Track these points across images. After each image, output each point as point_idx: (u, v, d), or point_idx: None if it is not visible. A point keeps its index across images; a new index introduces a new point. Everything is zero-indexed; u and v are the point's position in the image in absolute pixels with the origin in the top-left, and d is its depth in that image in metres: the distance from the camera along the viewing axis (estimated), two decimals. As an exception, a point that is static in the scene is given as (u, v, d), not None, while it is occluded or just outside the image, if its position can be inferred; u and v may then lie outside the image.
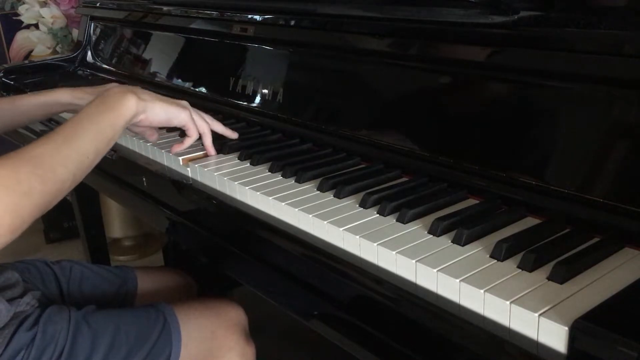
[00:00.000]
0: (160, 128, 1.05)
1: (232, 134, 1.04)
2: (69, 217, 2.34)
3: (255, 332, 1.04)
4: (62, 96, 1.18)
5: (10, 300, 0.85)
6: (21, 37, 2.53)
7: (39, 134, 1.41)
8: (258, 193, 0.83)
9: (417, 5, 0.89)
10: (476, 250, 0.64)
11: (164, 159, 1.03)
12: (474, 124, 0.81)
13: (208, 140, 0.99)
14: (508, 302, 0.55)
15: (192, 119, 0.96)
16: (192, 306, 0.98)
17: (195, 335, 0.92)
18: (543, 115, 0.73)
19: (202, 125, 0.97)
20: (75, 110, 1.18)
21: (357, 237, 0.69)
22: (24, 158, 0.71)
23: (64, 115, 1.35)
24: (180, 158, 0.98)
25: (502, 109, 0.79)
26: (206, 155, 1.00)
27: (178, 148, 0.99)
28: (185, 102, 0.97)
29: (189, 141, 0.98)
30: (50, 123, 1.36)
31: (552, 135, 0.72)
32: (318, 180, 0.84)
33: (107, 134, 0.81)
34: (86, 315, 0.87)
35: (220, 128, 1.02)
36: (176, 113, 0.93)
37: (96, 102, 0.84)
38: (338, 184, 0.81)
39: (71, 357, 0.82)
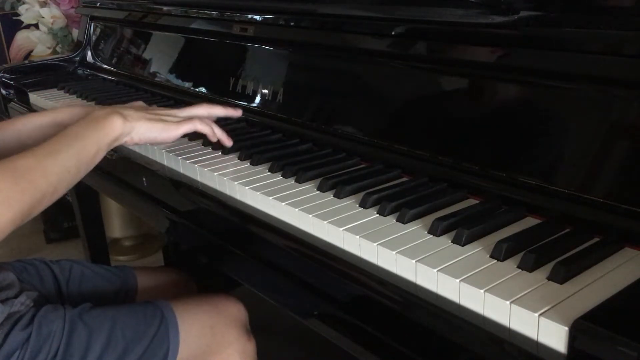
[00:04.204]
0: None
1: (235, 112, 1.02)
2: (69, 217, 2.34)
3: (257, 329, 1.04)
4: (60, 116, 1.08)
5: (4, 301, 0.85)
6: (21, 37, 2.53)
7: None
8: (258, 193, 0.83)
9: (417, 5, 0.89)
10: (476, 250, 0.64)
11: (164, 159, 1.03)
12: (474, 124, 0.81)
13: (217, 134, 0.97)
14: (508, 302, 0.55)
15: (181, 127, 0.93)
16: (190, 302, 0.97)
17: (194, 331, 0.92)
18: (543, 115, 0.73)
19: (202, 128, 0.96)
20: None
21: (357, 237, 0.69)
22: (6, 168, 0.73)
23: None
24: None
25: (502, 108, 0.79)
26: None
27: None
28: (179, 114, 0.95)
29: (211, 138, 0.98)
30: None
31: (552, 135, 0.72)
32: (318, 180, 0.84)
33: (91, 151, 0.82)
34: (82, 313, 0.87)
35: (222, 111, 1.00)
36: (162, 132, 0.91)
37: (83, 121, 0.85)
38: (338, 184, 0.81)
39: (67, 355, 0.82)
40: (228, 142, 0.99)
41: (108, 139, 0.84)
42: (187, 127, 0.93)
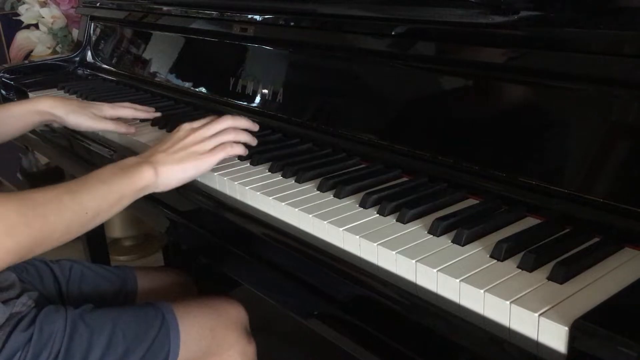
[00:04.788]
0: None
1: (254, 126, 0.97)
2: (69, 217, 2.33)
3: (257, 331, 1.04)
4: (40, 104, 1.10)
5: (5, 302, 0.85)
6: (21, 37, 2.53)
7: (40, 135, 1.41)
8: (258, 193, 0.83)
9: (417, 5, 0.89)
10: (476, 250, 0.64)
11: (164, 159, 1.03)
12: (474, 124, 0.81)
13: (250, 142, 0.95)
14: (508, 302, 0.55)
15: (216, 157, 0.88)
16: (191, 304, 0.98)
17: (195, 333, 0.92)
18: (543, 115, 0.73)
19: (236, 151, 0.91)
20: (54, 121, 1.13)
21: (357, 237, 0.69)
22: (18, 198, 0.71)
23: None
24: None
25: (502, 108, 0.79)
26: None
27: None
28: (206, 133, 0.89)
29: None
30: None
31: (552, 135, 0.72)
32: (318, 180, 0.84)
33: (113, 197, 0.79)
34: (83, 314, 0.87)
35: (246, 123, 0.95)
36: (198, 168, 0.87)
37: (112, 166, 0.82)
38: (338, 184, 0.81)
39: (68, 356, 0.82)
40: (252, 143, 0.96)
41: (135, 187, 0.81)
42: (222, 155, 0.89)
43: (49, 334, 0.82)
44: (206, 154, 0.87)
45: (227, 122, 0.92)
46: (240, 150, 0.92)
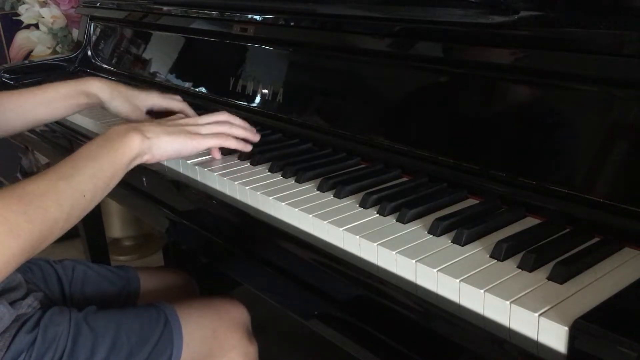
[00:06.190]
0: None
1: (254, 137, 0.96)
2: (69, 217, 2.33)
3: (258, 331, 1.04)
4: (89, 86, 1.06)
5: (12, 303, 0.85)
6: (21, 37, 2.53)
7: (40, 135, 1.41)
8: (258, 193, 0.83)
9: (417, 5, 0.89)
10: (476, 250, 0.64)
11: (164, 159, 1.03)
12: (474, 124, 0.81)
13: (246, 137, 0.94)
14: (508, 302, 0.55)
15: (207, 141, 0.89)
16: (193, 305, 0.97)
17: (197, 335, 0.92)
18: (543, 115, 0.73)
19: (230, 144, 0.92)
20: (98, 104, 1.08)
21: (357, 237, 0.69)
22: (14, 195, 0.67)
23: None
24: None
25: (501, 109, 0.79)
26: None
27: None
28: (199, 121, 0.90)
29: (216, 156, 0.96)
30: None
31: (552, 135, 0.72)
32: (318, 180, 0.84)
33: (107, 173, 0.77)
34: (87, 316, 0.87)
35: (242, 133, 0.94)
36: (185, 145, 0.86)
37: (99, 140, 0.80)
38: (338, 184, 0.81)
39: (72, 358, 0.82)
40: (252, 139, 0.95)
41: (125, 159, 0.79)
42: (214, 142, 0.89)
43: (52, 336, 0.82)
44: (197, 135, 0.88)
45: (224, 116, 0.94)
46: (234, 144, 0.91)
